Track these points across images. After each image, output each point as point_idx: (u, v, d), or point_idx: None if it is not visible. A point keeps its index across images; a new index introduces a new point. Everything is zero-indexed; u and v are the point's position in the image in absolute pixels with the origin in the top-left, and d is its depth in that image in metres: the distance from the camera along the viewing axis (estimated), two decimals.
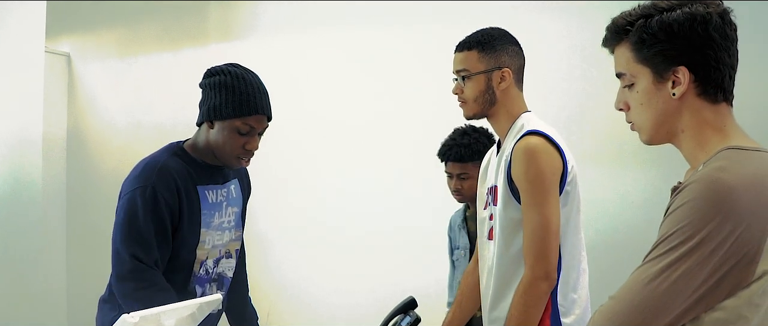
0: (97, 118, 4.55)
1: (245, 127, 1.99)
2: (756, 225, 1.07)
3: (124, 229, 1.96)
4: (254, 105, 1.99)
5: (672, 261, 1.07)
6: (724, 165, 1.12)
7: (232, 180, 2.19)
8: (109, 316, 2.05)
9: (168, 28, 4.33)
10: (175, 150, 2.08)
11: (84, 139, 4.59)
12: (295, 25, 3.90)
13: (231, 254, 2.22)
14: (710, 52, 1.18)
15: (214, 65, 2.08)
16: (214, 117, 2.01)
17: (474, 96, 1.96)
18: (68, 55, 4.65)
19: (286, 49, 3.91)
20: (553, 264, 1.80)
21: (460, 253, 2.68)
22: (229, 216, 2.17)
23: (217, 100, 1.99)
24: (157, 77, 4.30)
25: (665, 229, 1.11)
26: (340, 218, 3.72)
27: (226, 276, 2.20)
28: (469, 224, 2.68)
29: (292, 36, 3.91)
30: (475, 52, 1.96)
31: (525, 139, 1.85)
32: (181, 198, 2.01)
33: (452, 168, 2.59)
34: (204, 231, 2.07)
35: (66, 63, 4.63)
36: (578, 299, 1.90)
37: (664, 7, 1.21)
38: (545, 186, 1.81)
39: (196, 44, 4.20)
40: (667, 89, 1.22)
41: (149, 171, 1.99)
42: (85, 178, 4.56)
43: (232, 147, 2.01)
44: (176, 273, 2.03)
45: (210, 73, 2.07)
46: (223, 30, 4.14)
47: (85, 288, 2.12)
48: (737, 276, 1.07)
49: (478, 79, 1.95)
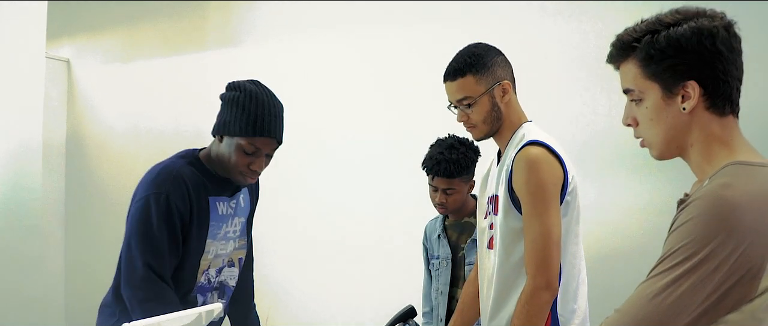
0: (97, 123, 4.55)
1: (251, 147, 1.99)
2: (759, 242, 1.08)
3: (139, 236, 1.95)
4: (261, 127, 1.98)
5: (676, 277, 1.09)
6: (728, 181, 1.13)
7: (241, 191, 2.19)
8: (109, 322, 2.06)
9: (167, 33, 4.33)
10: (191, 159, 2.08)
11: (83, 145, 4.59)
12: (293, 29, 3.90)
13: (234, 263, 2.21)
14: (719, 65, 1.19)
15: (237, 80, 2.07)
16: (223, 132, 2.02)
17: (482, 118, 1.95)
18: (68, 60, 4.65)
19: (285, 53, 3.92)
20: (554, 273, 1.80)
21: (441, 263, 2.63)
22: (235, 226, 2.17)
23: (229, 116, 2.00)
24: (157, 82, 4.31)
25: (669, 245, 1.13)
26: (340, 224, 3.72)
27: (228, 285, 2.20)
28: (449, 233, 2.65)
29: (291, 40, 3.91)
30: (470, 77, 1.93)
31: (526, 149, 1.85)
32: (192, 208, 2.01)
33: (439, 182, 2.53)
34: (210, 241, 2.07)
35: (65, 68, 4.64)
36: (578, 309, 1.90)
37: (669, 22, 1.22)
38: (546, 197, 1.81)
39: (196, 49, 4.20)
40: (676, 104, 1.22)
41: (164, 177, 1.99)
42: (84, 183, 4.56)
43: (237, 164, 2.01)
44: (179, 281, 2.03)
45: (230, 87, 2.06)
46: (222, 34, 4.14)
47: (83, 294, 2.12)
48: (741, 292, 1.08)
49: (482, 101, 1.93)
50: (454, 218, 2.66)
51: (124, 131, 4.40)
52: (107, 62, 4.54)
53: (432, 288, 2.70)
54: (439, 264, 2.64)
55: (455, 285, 2.60)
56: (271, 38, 3.98)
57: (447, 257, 2.62)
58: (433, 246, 2.69)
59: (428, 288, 2.75)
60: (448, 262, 2.61)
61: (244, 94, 2.00)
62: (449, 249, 2.62)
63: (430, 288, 2.73)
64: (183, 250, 2.02)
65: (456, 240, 2.63)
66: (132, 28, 4.46)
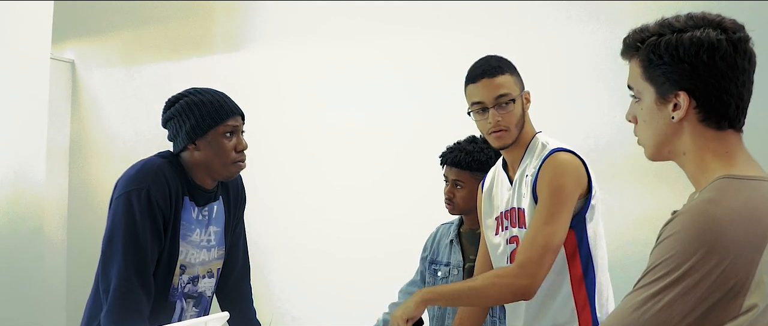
0: (101, 125, 4.54)
1: (228, 128, 2.03)
2: (743, 258, 1.07)
3: (122, 231, 1.94)
4: (227, 107, 2.05)
5: (656, 291, 1.08)
6: (713, 196, 1.12)
7: (215, 202, 2.16)
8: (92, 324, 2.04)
9: (173, 36, 4.32)
10: (170, 158, 2.09)
11: (87, 147, 4.58)
12: (298, 33, 3.89)
13: (213, 273, 2.20)
14: (713, 80, 1.16)
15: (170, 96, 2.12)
16: (195, 136, 2.02)
17: (516, 121, 1.91)
18: (73, 62, 4.65)
19: (290, 57, 3.90)
20: (541, 278, 1.76)
21: (452, 270, 2.47)
22: (210, 235, 2.15)
23: (193, 120, 2.02)
24: (162, 85, 4.29)
25: (653, 259, 1.12)
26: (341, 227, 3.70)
27: (205, 296, 2.18)
28: (463, 240, 2.49)
29: (296, 44, 3.89)
30: (509, 75, 1.90)
31: (556, 155, 1.86)
32: (172, 205, 2.00)
33: (448, 171, 2.43)
34: (181, 242, 2.06)
35: (70, 70, 4.63)
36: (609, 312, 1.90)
37: (677, 28, 1.19)
38: (563, 200, 1.80)
39: (202, 52, 4.20)
40: (668, 111, 1.21)
41: (145, 173, 1.99)
42: (87, 186, 4.55)
43: (224, 155, 2.03)
44: (156, 282, 2.01)
45: (170, 103, 2.11)
46: (228, 38, 4.14)
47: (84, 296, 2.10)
48: (724, 309, 1.06)
49: (518, 102, 1.91)
50: (469, 225, 2.48)
51: (128, 134, 4.39)
52: (112, 64, 4.54)
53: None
54: (449, 272, 2.48)
55: None
56: (276, 43, 3.97)
57: (459, 265, 2.46)
58: (442, 252, 2.53)
59: (414, 290, 2.54)
60: (460, 270, 2.45)
61: (190, 95, 2.07)
62: (461, 257, 2.47)
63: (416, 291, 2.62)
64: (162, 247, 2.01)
65: (467, 248, 2.48)
66: (138, 30, 4.45)
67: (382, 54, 3.66)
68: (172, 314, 2.08)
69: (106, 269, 1.96)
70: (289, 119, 3.88)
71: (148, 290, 1.96)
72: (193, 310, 2.15)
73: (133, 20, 4.43)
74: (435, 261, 2.56)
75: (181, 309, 2.11)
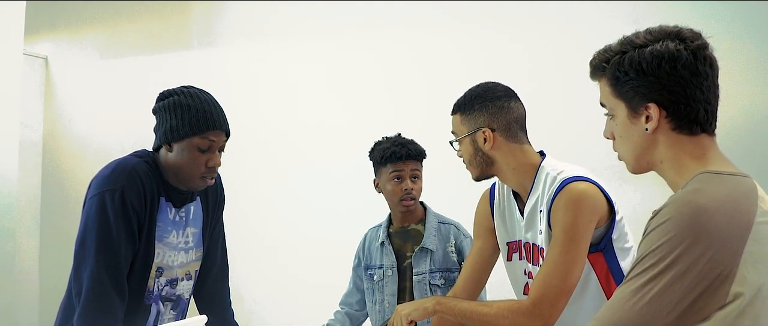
0: (74, 122, 4.47)
1: (205, 142, 1.97)
2: (728, 247, 1.10)
3: (95, 233, 1.90)
4: (212, 120, 1.97)
5: (646, 281, 1.11)
6: (697, 187, 1.16)
7: (192, 203, 2.13)
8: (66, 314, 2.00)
9: (148, 32, 4.27)
10: (146, 157, 2.04)
11: (60, 144, 4.51)
12: (274, 30, 3.87)
13: (191, 276, 2.17)
14: (678, 89, 1.22)
15: (167, 88, 2.06)
16: (172, 138, 1.97)
17: (468, 159, 1.93)
18: (46, 58, 4.57)
19: (266, 53, 3.89)
20: (554, 317, 1.70)
21: (386, 272, 2.45)
22: (187, 237, 2.12)
23: (174, 121, 1.96)
24: (137, 81, 4.24)
25: (641, 251, 1.16)
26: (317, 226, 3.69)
27: (183, 298, 2.15)
28: (393, 240, 2.48)
29: (274, 40, 3.87)
30: (458, 116, 1.94)
31: (569, 187, 1.75)
32: (146, 205, 1.96)
33: (403, 166, 2.42)
34: (158, 244, 2.02)
35: (43, 66, 4.55)
36: None
37: (638, 44, 1.26)
38: (577, 236, 1.72)
39: (178, 48, 4.15)
40: (641, 123, 1.27)
41: (119, 173, 1.94)
42: (61, 183, 4.47)
43: (194, 166, 1.98)
44: (131, 285, 1.97)
45: (163, 96, 2.04)
46: (205, 33, 4.10)
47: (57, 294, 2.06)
48: (712, 297, 1.10)
49: (465, 142, 1.92)
50: (398, 224, 2.51)
51: (103, 130, 4.33)
52: (86, 60, 4.46)
53: (368, 300, 2.53)
54: (383, 274, 2.46)
55: (402, 297, 2.43)
56: (253, 38, 3.94)
57: (392, 265, 2.45)
58: (374, 256, 2.52)
59: (352, 301, 2.60)
60: (394, 271, 2.44)
61: (183, 95, 1.99)
62: (394, 258, 2.46)
63: (354, 302, 2.60)
64: (136, 249, 1.97)
65: (400, 248, 2.48)
66: (112, 26, 4.39)
67: (358, 50, 3.66)
68: (147, 317, 2.05)
69: (79, 271, 1.91)
70: (266, 115, 3.85)
71: (122, 292, 1.91)
72: (171, 313, 2.12)
73: (108, 16, 4.37)
74: (369, 266, 2.54)
75: (157, 313, 2.07)
